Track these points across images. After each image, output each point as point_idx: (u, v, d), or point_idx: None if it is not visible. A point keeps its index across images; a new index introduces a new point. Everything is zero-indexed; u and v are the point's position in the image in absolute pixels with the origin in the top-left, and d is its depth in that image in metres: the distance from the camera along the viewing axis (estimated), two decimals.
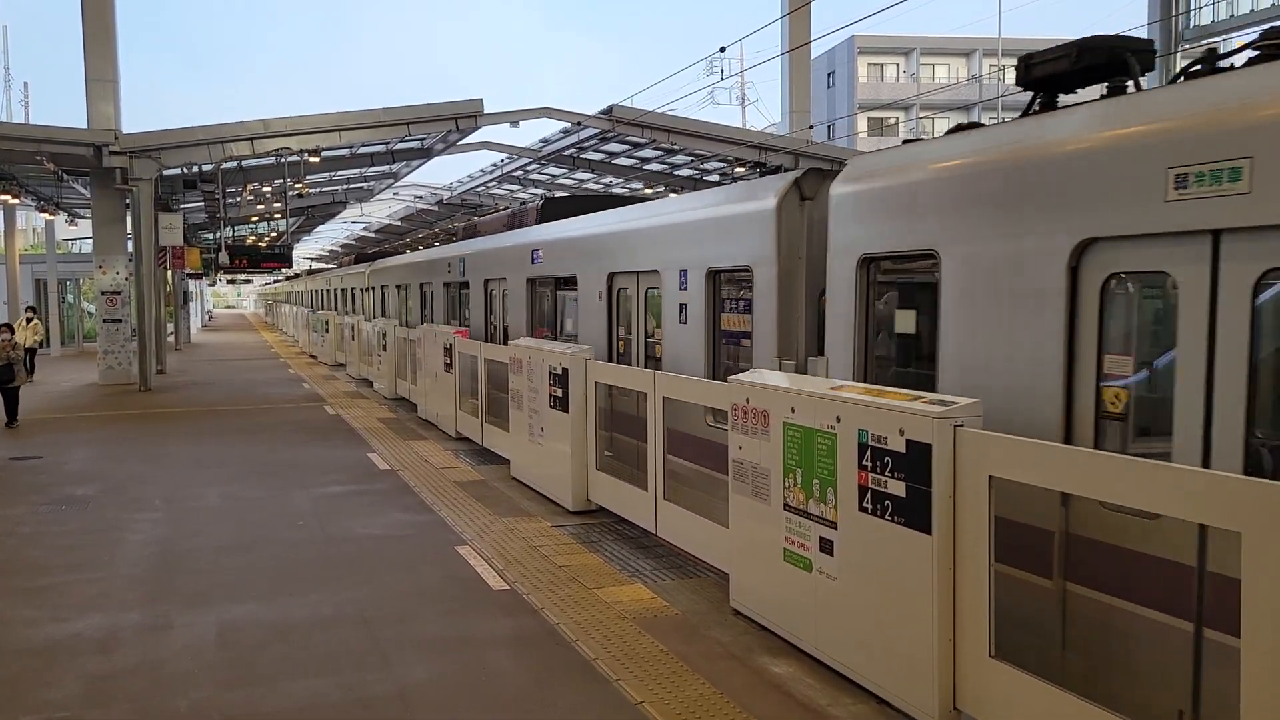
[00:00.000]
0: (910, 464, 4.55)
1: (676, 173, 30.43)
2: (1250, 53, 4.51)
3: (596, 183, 34.02)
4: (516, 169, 32.14)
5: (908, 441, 4.56)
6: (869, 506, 4.84)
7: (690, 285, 8.65)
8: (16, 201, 27.70)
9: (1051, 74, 5.41)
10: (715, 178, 30.69)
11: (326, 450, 12.93)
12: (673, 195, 11.45)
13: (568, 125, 24.65)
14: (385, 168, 30.70)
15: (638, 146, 26.75)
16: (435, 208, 44.18)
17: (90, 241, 27.05)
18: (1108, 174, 4.50)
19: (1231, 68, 4.47)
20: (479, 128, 22.91)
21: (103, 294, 21.91)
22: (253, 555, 7.82)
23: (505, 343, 12.37)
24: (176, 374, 25.20)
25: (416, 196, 42.90)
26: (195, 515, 9.22)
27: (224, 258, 29.95)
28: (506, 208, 37.51)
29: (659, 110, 23.52)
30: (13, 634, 6.05)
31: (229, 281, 74.23)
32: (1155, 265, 4.36)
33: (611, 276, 10.39)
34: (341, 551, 7.91)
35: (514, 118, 23.29)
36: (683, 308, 8.79)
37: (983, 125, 5.70)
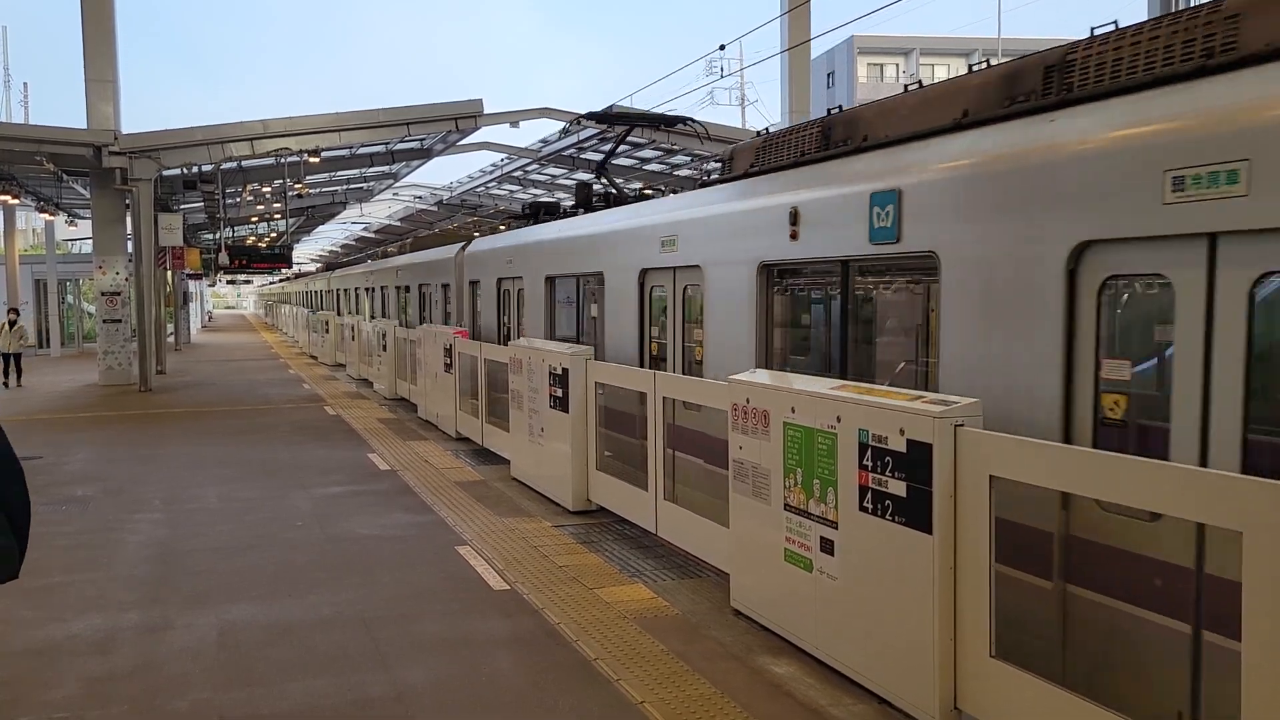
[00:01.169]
0: (911, 464, 4.54)
1: (676, 172, 30.41)
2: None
3: (595, 183, 33.95)
4: (516, 169, 32.13)
5: (908, 441, 4.55)
6: (869, 506, 4.84)
7: (439, 291, 18.39)
8: (16, 202, 27.69)
9: (531, 211, 14.19)
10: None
11: (326, 451, 12.93)
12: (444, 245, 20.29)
13: (567, 125, 24.64)
14: (385, 168, 30.69)
15: (637, 147, 26.72)
16: (435, 208, 44.18)
17: (90, 242, 27.03)
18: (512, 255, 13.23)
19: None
20: (479, 128, 22.89)
21: (102, 294, 21.89)
22: (252, 556, 7.81)
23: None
24: (176, 374, 25.20)
25: (416, 197, 42.89)
26: (195, 516, 9.21)
27: (224, 258, 29.95)
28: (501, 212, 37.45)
29: (658, 110, 23.50)
30: (12, 634, 6.04)
31: (229, 282, 74.23)
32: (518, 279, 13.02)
33: (420, 285, 20.32)
34: (341, 552, 7.90)
35: (513, 118, 23.29)
36: (436, 301, 18.69)
37: (501, 231, 15.02)
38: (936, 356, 5.41)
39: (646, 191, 11.15)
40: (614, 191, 12.12)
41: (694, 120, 12.32)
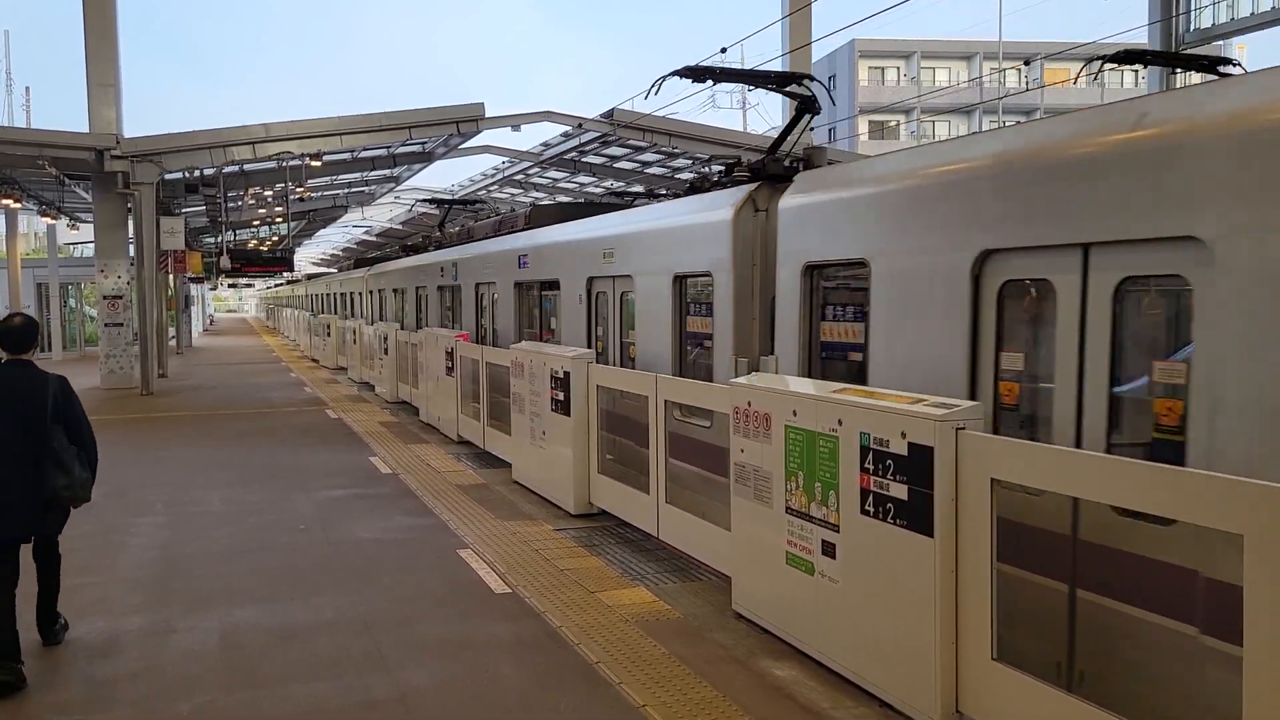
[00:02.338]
0: (912, 467, 4.55)
1: (678, 176, 30.43)
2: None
3: (598, 185, 34.01)
4: (517, 172, 32.17)
5: (910, 444, 4.56)
6: (871, 509, 4.85)
7: (356, 297, 30.12)
8: (18, 206, 27.73)
9: (408, 248, 25.60)
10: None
11: (328, 454, 12.94)
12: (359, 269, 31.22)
13: (569, 128, 24.66)
14: (386, 171, 30.73)
15: (639, 150, 26.75)
16: (436, 211, 44.18)
17: (92, 246, 27.05)
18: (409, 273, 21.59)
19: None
20: (480, 131, 22.92)
21: (104, 298, 21.91)
22: (255, 559, 7.82)
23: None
24: (178, 378, 25.22)
25: (418, 200, 42.89)
26: (197, 519, 9.23)
27: (225, 262, 29.93)
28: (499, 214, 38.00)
29: (660, 113, 23.52)
30: None
31: (230, 285, 74.21)
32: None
33: (352, 292, 30.84)
34: (343, 555, 7.91)
35: (515, 121, 23.28)
36: (357, 301, 29.77)
37: (411, 255, 23.14)
38: (462, 320, 15.77)
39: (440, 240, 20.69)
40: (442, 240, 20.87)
41: (487, 203, 24.10)
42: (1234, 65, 6.23)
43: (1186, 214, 4.01)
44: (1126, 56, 6.68)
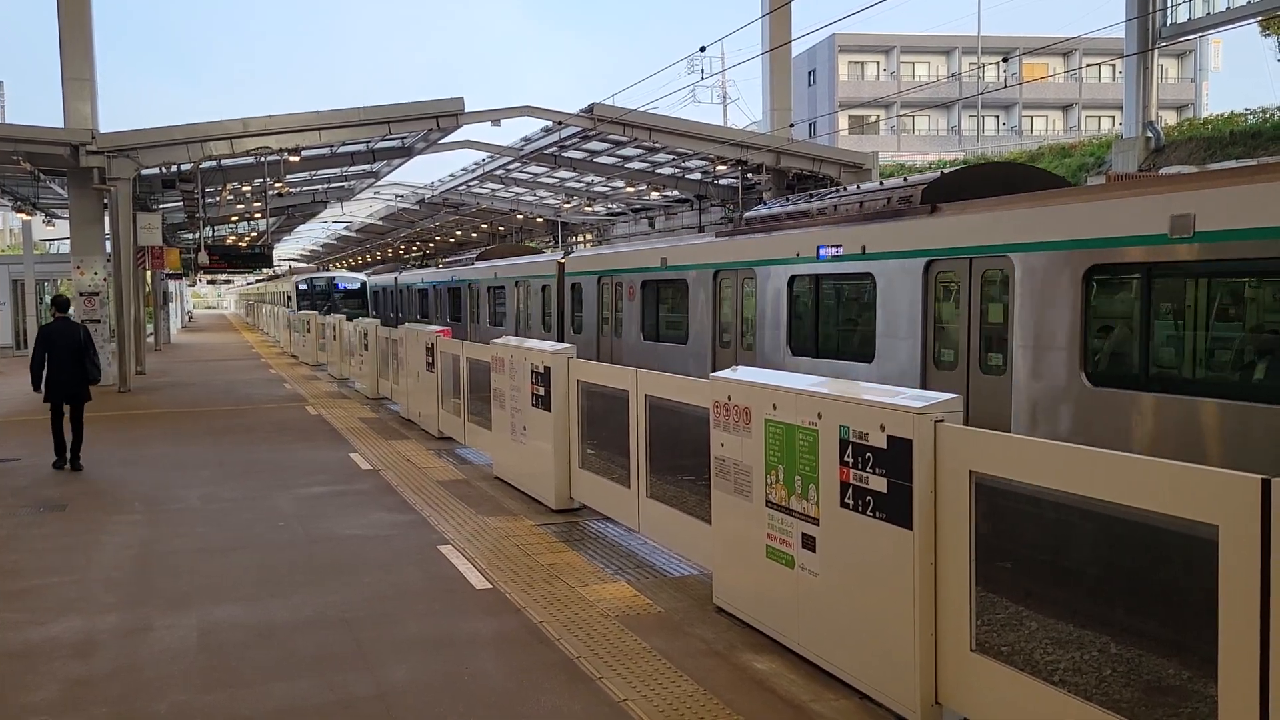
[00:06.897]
0: (891, 459, 4.57)
1: (658, 171, 30.43)
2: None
3: (578, 181, 33.96)
4: (498, 168, 32.09)
5: (888, 437, 4.57)
6: (851, 502, 4.86)
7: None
8: None
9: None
10: (697, 176, 30.71)
11: (308, 451, 12.87)
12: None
13: (549, 124, 24.60)
14: (366, 167, 30.57)
15: (619, 145, 26.72)
16: (417, 207, 44.04)
17: (68, 242, 26.75)
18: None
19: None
20: (460, 126, 22.83)
21: (81, 295, 21.66)
22: (234, 557, 7.77)
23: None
24: (156, 375, 25.01)
25: (398, 196, 42.73)
26: (175, 517, 9.16)
27: (203, 258, 29.71)
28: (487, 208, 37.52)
29: (641, 109, 23.49)
30: None
31: (209, 282, 73.72)
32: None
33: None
34: (323, 552, 7.87)
35: (494, 116, 23.20)
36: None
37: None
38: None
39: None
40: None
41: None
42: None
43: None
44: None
